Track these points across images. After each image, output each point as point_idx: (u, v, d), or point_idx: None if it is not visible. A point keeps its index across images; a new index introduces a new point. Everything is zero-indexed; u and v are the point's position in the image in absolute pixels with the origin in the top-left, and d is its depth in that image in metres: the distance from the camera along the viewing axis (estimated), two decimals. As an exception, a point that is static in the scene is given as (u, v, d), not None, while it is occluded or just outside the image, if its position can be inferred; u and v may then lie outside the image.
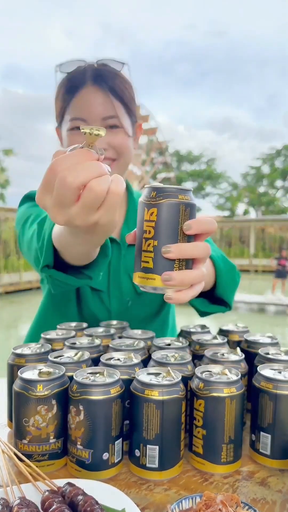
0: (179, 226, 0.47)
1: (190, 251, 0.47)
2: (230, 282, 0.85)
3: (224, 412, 0.56)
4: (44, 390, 0.55)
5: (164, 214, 0.46)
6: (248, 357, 0.73)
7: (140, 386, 0.55)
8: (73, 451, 0.56)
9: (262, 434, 0.59)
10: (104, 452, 0.54)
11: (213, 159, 30.46)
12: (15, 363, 0.66)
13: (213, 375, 0.59)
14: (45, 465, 0.57)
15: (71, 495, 0.46)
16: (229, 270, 0.85)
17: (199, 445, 0.58)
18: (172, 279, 0.47)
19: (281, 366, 0.63)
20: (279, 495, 0.52)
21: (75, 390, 0.55)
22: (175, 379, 0.57)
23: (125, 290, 0.97)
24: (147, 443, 0.55)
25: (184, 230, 0.47)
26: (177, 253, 0.46)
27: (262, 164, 30.81)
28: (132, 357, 0.65)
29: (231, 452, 0.57)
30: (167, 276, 0.47)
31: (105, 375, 0.57)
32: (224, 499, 0.45)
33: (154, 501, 0.51)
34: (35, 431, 0.56)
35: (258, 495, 0.52)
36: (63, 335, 0.79)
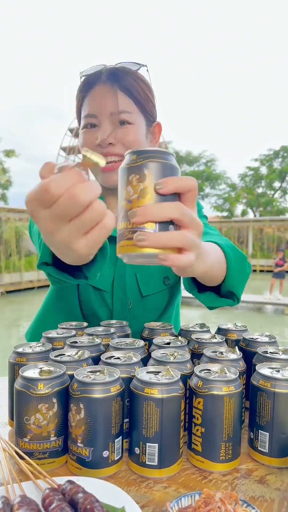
0: None
1: (159, 211, 0.42)
2: (240, 272, 0.79)
3: (222, 410, 0.56)
4: (45, 388, 0.56)
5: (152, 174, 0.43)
6: (247, 355, 0.73)
7: (140, 385, 0.56)
8: (73, 449, 0.56)
9: (260, 432, 0.60)
10: (104, 450, 0.55)
11: (212, 160, 30.47)
12: (16, 362, 0.67)
13: (212, 373, 0.60)
14: (46, 463, 0.57)
15: (71, 492, 0.46)
16: (240, 260, 0.79)
17: (198, 443, 0.58)
18: (145, 239, 0.42)
19: (279, 364, 0.64)
20: (277, 493, 0.53)
21: (76, 388, 0.55)
22: (175, 378, 0.57)
23: (129, 292, 0.97)
24: (147, 441, 0.55)
25: (156, 190, 0.43)
26: (143, 215, 0.42)
27: (260, 165, 30.84)
28: (132, 356, 0.66)
29: (229, 450, 0.58)
30: (141, 236, 0.42)
31: (105, 374, 0.58)
32: (223, 497, 0.46)
33: (153, 499, 0.51)
34: (36, 429, 0.56)
35: (256, 493, 0.53)
36: (63, 334, 0.80)
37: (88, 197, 0.39)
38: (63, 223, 0.41)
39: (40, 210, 0.41)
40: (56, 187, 0.39)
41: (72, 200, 0.39)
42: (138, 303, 0.98)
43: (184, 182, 0.44)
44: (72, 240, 0.42)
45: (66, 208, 0.39)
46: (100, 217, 0.41)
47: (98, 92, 0.89)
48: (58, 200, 0.39)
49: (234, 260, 0.76)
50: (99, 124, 0.88)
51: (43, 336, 0.79)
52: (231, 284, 0.77)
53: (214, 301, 0.81)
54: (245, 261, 0.82)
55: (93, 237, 0.42)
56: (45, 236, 0.44)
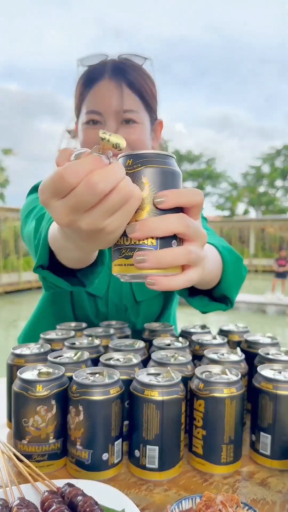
0: None
1: (161, 226, 0.38)
2: (236, 275, 0.75)
3: (224, 413, 0.56)
4: (43, 390, 0.55)
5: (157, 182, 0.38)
6: (248, 357, 0.73)
7: (140, 387, 0.55)
8: (72, 451, 0.55)
9: (262, 435, 0.59)
10: (103, 453, 0.54)
11: (213, 159, 30.47)
12: (14, 363, 0.66)
13: (213, 375, 0.59)
14: (45, 465, 0.56)
15: (70, 495, 0.46)
16: (236, 263, 0.74)
17: (199, 446, 0.58)
18: (146, 260, 0.37)
19: (281, 366, 0.63)
20: (279, 496, 0.52)
21: (75, 390, 0.55)
22: (175, 380, 0.56)
23: (124, 296, 0.96)
24: (147, 444, 0.55)
25: (156, 204, 0.38)
26: (143, 230, 0.37)
27: (262, 163, 30.83)
28: (131, 358, 0.65)
29: (231, 453, 0.57)
30: (140, 256, 0.38)
31: (105, 376, 0.57)
32: (224, 500, 0.45)
33: (153, 502, 0.51)
34: (34, 431, 0.56)
35: (258, 496, 0.52)
36: (62, 335, 0.79)
37: (109, 184, 0.35)
38: (79, 214, 0.36)
39: (53, 200, 0.37)
40: (71, 175, 0.34)
41: (90, 188, 0.34)
42: (132, 308, 0.97)
43: (189, 198, 0.39)
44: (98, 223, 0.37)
45: (83, 198, 0.35)
46: (128, 196, 0.36)
47: (103, 88, 0.85)
48: (75, 189, 0.35)
49: (230, 263, 0.72)
50: (104, 122, 0.85)
51: (41, 337, 0.78)
52: (225, 288, 0.73)
53: (207, 306, 0.76)
54: (241, 264, 0.78)
55: (123, 213, 0.37)
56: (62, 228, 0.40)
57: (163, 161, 0.39)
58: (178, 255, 0.39)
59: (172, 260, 0.39)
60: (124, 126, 0.86)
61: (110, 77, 0.85)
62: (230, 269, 0.71)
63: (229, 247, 0.77)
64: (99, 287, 0.95)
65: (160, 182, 0.38)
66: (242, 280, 0.79)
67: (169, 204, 0.38)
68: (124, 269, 0.39)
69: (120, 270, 0.40)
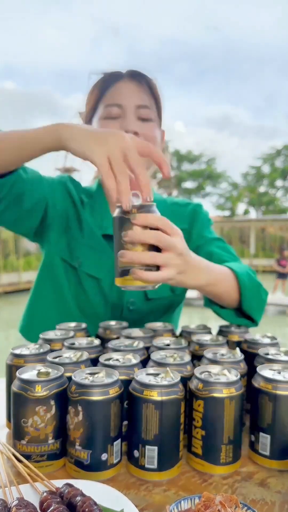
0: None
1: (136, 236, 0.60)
2: (255, 299, 0.87)
3: (223, 413, 0.56)
4: (42, 390, 0.55)
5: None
6: (248, 357, 0.73)
7: (139, 387, 0.55)
8: (71, 451, 0.55)
9: (261, 435, 0.59)
10: (102, 453, 0.54)
11: (213, 159, 30.46)
12: (13, 364, 0.66)
13: (213, 375, 0.59)
14: (44, 465, 0.56)
15: (69, 495, 0.46)
16: (255, 288, 0.87)
17: (198, 446, 0.58)
18: (125, 256, 0.60)
19: (281, 366, 0.63)
20: (278, 496, 0.52)
21: (74, 390, 0.54)
22: (174, 380, 0.56)
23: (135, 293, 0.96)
24: (146, 444, 0.55)
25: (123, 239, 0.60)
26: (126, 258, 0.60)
27: (262, 163, 30.81)
28: (131, 358, 0.65)
29: (230, 453, 0.57)
30: (121, 253, 0.60)
31: (104, 376, 0.57)
32: (223, 500, 0.45)
33: (153, 502, 0.51)
34: (33, 431, 0.56)
35: (257, 496, 0.52)
36: (62, 336, 0.79)
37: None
38: None
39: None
40: None
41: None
42: (142, 305, 0.97)
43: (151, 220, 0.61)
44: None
45: None
46: None
47: (124, 85, 0.91)
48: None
49: (249, 287, 0.84)
50: (123, 115, 0.89)
51: (40, 338, 0.78)
52: (247, 309, 0.85)
53: (233, 319, 0.89)
54: (260, 288, 0.89)
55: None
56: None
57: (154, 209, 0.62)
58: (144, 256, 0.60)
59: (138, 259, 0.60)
60: (141, 122, 0.90)
61: (129, 78, 0.92)
62: (248, 293, 0.84)
63: (248, 273, 0.88)
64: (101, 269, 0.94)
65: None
66: (263, 303, 0.91)
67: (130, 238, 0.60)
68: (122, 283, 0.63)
69: (119, 283, 0.63)
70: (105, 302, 0.96)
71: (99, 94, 0.93)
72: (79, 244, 0.95)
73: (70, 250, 0.95)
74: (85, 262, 0.94)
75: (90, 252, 0.94)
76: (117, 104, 0.89)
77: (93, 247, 0.94)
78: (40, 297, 1.01)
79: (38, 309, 1.01)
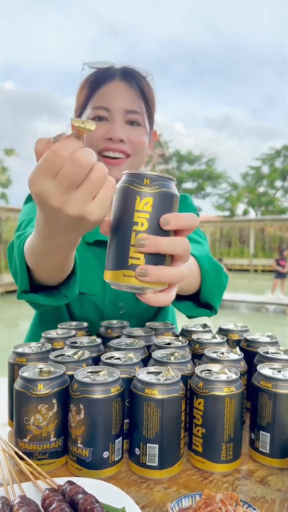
0: None
1: (168, 245, 0.43)
2: (216, 284, 0.80)
3: (223, 411, 0.56)
4: (44, 389, 0.56)
5: (161, 205, 0.43)
6: (248, 356, 0.73)
7: (140, 385, 0.56)
8: (73, 449, 0.56)
9: (261, 433, 0.59)
10: (104, 451, 0.54)
11: (213, 159, 30.46)
12: (16, 362, 0.67)
13: (213, 374, 0.60)
14: (46, 463, 0.57)
15: (71, 493, 0.46)
16: (216, 272, 0.79)
17: (199, 444, 0.58)
18: (148, 274, 0.42)
19: (280, 365, 0.63)
20: (278, 494, 0.53)
21: (76, 389, 0.55)
22: (175, 378, 0.57)
23: (123, 295, 0.96)
24: (147, 442, 0.55)
25: (161, 225, 0.43)
26: (152, 246, 0.42)
27: (262, 164, 30.82)
28: (132, 356, 0.65)
29: (230, 451, 0.57)
30: (143, 270, 0.42)
31: (106, 374, 0.58)
32: (224, 498, 0.46)
33: (154, 500, 0.51)
34: (35, 429, 0.56)
35: (257, 494, 0.53)
36: (63, 334, 0.79)
37: (90, 159, 0.40)
38: (71, 191, 0.41)
39: (47, 183, 0.41)
40: (62, 150, 0.39)
41: (77, 163, 0.39)
42: (133, 306, 0.97)
43: (188, 223, 0.44)
44: (83, 207, 0.42)
45: (72, 172, 0.40)
46: (105, 177, 0.42)
47: (114, 87, 0.89)
48: (63, 165, 0.40)
49: (210, 271, 0.77)
50: (111, 118, 0.88)
51: (42, 336, 0.79)
52: (207, 295, 0.78)
53: (192, 311, 0.80)
54: (221, 272, 0.82)
55: (102, 197, 0.42)
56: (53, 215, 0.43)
57: (171, 185, 0.44)
58: (175, 275, 0.44)
59: (169, 279, 0.44)
60: (129, 127, 0.89)
61: (120, 78, 0.89)
62: (209, 277, 0.76)
63: (208, 256, 0.81)
64: (94, 286, 0.95)
65: (166, 205, 0.43)
66: (223, 288, 0.84)
67: (172, 226, 0.43)
68: (118, 279, 0.43)
69: (113, 278, 0.44)
70: (100, 317, 0.97)
71: (88, 93, 0.91)
72: None
73: None
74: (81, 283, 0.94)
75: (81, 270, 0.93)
76: (105, 108, 0.87)
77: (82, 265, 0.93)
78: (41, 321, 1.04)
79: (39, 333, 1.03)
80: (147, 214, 0.42)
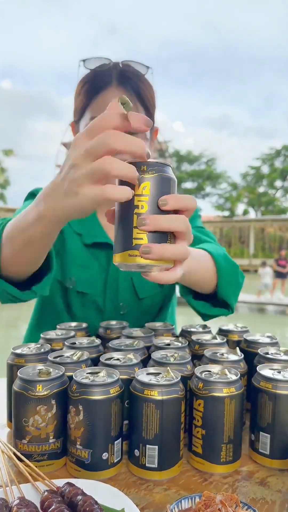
0: None
1: (167, 223, 0.45)
2: (232, 282, 0.81)
3: (223, 412, 0.56)
4: (43, 390, 0.55)
5: (159, 188, 0.45)
6: (248, 357, 0.73)
7: (140, 386, 0.55)
8: (72, 451, 0.56)
9: (261, 434, 0.59)
10: (103, 452, 0.54)
11: (213, 159, 30.47)
12: (14, 363, 0.66)
13: (213, 375, 0.59)
14: (45, 465, 0.57)
15: (70, 495, 0.46)
16: (232, 269, 0.81)
17: (199, 445, 0.58)
18: (151, 251, 0.44)
19: (281, 366, 0.63)
20: (278, 495, 0.52)
21: (75, 390, 0.55)
22: (175, 379, 0.57)
23: (125, 295, 0.96)
24: (147, 443, 0.55)
25: (160, 206, 0.45)
26: (153, 224, 0.44)
27: (262, 164, 30.84)
28: (131, 357, 0.65)
29: (230, 452, 0.57)
30: (146, 248, 0.44)
31: (105, 375, 0.57)
32: (224, 499, 0.45)
33: (153, 501, 0.51)
34: (34, 431, 0.56)
35: (257, 495, 0.52)
36: (62, 335, 0.79)
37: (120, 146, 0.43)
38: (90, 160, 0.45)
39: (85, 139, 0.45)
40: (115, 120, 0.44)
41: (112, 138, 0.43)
42: (134, 306, 0.97)
43: (185, 203, 0.47)
44: (84, 181, 0.45)
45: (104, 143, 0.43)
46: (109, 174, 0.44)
47: (110, 96, 0.86)
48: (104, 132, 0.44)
49: (226, 269, 0.78)
50: None
51: (41, 337, 0.79)
52: (223, 293, 0.79)
53: (208, 309, 0.82)
54: (237, 271, 0.83)
55: (98, 190, 0.45)
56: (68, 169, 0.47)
57: (167, 170, 0.47)
58: (178, 252, 0.47)
59: (172, 255, 0.46)
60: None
61: (117, 85, 0.87)
62: (225, 276, 0.78)
63: (225, 254, 0.82)
64: (95, 286, 0.95)
65: (163, 187, 0.46)
66: (240, 287, 0.85)
67: (170, 207, 0.45)
68: (125, 260, 0.46)
69: (120, 260, 0.47)
70: (101, 317, 0.96)
71: (86, 102, 0.89)
72: (70, 264, 0.95)
73: (62, 271, 0.95)
74: (79, 281, 0.94)
75: (82, 270, 0.94)
76: None
77: (82, 265, 0.94)
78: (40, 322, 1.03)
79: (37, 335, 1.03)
80: (146, 197, 0.45)
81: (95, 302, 0.96)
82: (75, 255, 0.95)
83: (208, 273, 0.76)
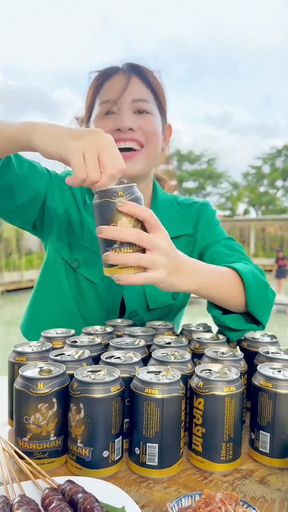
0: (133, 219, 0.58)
1: (116, 233, 0.56)
2: (261, 299, 0.81)
3: (223, 411, 0.56)
4: (44, 388, 0.56)
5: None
6: (248, 356, 0.73)
7: (140, 385, 0.56)
8: (73, 449, 0.56)
9: (261, 433, 0.59)
10: (104, 450, 0.54)
11: (214, 159, 30.42)
12: (16, 361, 0.67)
13: (213, 373, 0.60)
14: (46, 462, 0.57)
15: (71, 492, 0.46)
16: (261, 288, 0.81)
17: (199, 444, 0.58)
18: (109, 259, 0.57)
19: (281, 365, 0.63)
20: (278, 494, 0.53)
21: (76, 388, 0.55)
22: (175, 378, 0.57)
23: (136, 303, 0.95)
24: (147, 441, 0.55)
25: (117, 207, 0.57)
26: (105, 233, 0.57)
27: (263, 163, 30.79)
28: (132, 356, 0.65)
29: (230, 451, 0.57)
30: (105, 256, 0.58)
31: (105, 374, 0.58)
32: (224, 497, 0.45)
33: (153, 499, 0.51)
34: (35, 429, 0.56)
35: (257, 494, 0.53)
36: (63, 334, 0.79)
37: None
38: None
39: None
40: None
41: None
42: (144, 315, 0.96)
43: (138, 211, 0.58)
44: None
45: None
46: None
47: (118, 79, 0.87)
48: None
49: (254, 287, 0.78)
50: (118, 110, 0.86)
51: (42, 336, 0.79)
52: (252, 310, 0.79)
53: (240, 324, 0.81)
54: (267, 289, 0.83)
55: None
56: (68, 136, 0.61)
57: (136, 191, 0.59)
58: (128, 258, 0.57)
59: (123, 261, 0.57)
60: (138, 116, 0.88)
61: (125, 71, 0.89)
62: (253, 293, 0.78)
63: (253, 272, 0.81)
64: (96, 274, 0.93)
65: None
66: (270, 304, 0.84)
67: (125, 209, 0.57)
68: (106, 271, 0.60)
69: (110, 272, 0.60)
70: (100, 306, 0.95)
71: (94, 92, 0.91)
72: (79, 246, 0.94)
73: (70, 251, 0.94)
74: (83, 265, 0.93)
75: (90, 255, 0.93)
76: (111, 100, 0.86)
77: (92, 250, 0.93)
78: (42, 295, 1.01)
79: (39, 307, 1.00)
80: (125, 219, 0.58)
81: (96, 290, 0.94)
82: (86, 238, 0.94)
83: (234, 291, 0.76)
